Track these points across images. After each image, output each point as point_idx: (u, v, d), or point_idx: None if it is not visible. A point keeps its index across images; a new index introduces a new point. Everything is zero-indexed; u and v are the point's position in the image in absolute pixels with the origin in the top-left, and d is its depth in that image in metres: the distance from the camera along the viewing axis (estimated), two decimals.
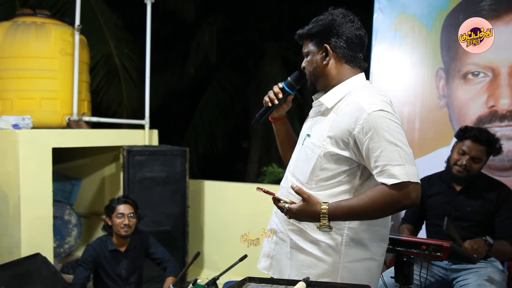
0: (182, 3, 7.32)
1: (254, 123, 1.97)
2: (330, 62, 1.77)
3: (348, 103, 1.69)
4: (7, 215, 3.58)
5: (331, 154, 1.69)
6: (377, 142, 1.58)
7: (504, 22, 3.07)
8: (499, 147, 2.66)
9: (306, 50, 1.84)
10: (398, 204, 1.58)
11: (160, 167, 4.21)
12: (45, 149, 3.69)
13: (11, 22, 4.12)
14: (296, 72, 1.92)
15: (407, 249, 2.13)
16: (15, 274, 3.03)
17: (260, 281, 1.68)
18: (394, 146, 1.57)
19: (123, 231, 3.13)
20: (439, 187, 2.81)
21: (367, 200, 1.60)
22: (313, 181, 1.74)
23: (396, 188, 1.55)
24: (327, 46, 1.76)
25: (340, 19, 1.76)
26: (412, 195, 1.56)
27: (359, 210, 1.61)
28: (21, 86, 4.00)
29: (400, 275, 2.16)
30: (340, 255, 1.72)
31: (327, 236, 1.72)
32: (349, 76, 1.77)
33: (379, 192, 1.58)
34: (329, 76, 1.78)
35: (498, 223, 2.62)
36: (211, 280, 2.50)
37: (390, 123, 1.60)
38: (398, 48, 3.55)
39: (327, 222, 1.63)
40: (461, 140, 2.70)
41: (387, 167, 1.56)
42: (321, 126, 1.76)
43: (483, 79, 3.15)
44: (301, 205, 1.67)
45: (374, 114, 1.60)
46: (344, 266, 1.72)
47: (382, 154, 1.57)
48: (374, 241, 1.76)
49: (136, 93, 6.58)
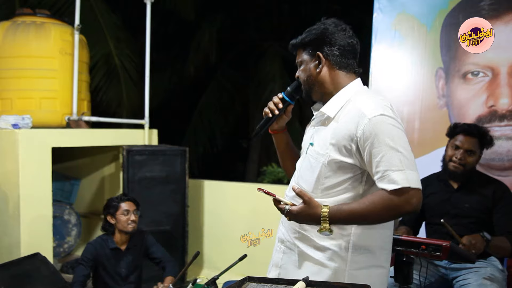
0: (182, 2, 7.32)
1: (254, 135, 1.95)
2: (323, 69, 1.77)
3: (349, 110, 1.68)
4: (6, 214, 3.58)
5: (335, 162, 1.68)
6: (377, 147, 1.57)
7: (503, 22, 3.07)
8: (490, 138, 2.70)
9: (299, 60, 1.84)
10: (398, 209, 1.57)
11: (160, 166, 4.21)
12: (44, 148, 3.69)
13: (10, 21, 4.12)
14: (295, 82, 1.90)
15: (407, 248, 2.13)
16: (14, 274, 3.03)
17: (260, 280, 1.68)
18: (394, 151, 1.56)
19: (130, 227, 3.15)
20: (436, 186, 2.82)
21: (368, 204, 1.60)
22: (318, 189, 1.73)
23: (396, 193, 1.55)
24: (320, 54, 1.76)
25: (332, 28, 1.76)
26: (412, 201, 1.56)
27: (359, 214, 1.61)
28: (20, 86, 4.00)
29: (399, 275, 2.16)
30: (346, 262, 1.69)
31: (333, 242, 1.70)
32: (345, 83, 1.77)
33: (379, 197, 1.58)
34: (324, 83, 1.78)
35: (496, 219, 2.63)
36: (211, 280, 2.50)
37: (391, 128, 1.59)
38: (397, 47, 3.55)
39: (327, 225, 1.63)
40: (453, 137, 2.74)
41: (387, 172, 1.56)
42: (323, 135, 1.75)
43: (483, 79, 3.15)
44: (302, 207, 1.67)
45: (375, 119, 1.59)
46: (349, 273, 1.70)
47: (383, 159, 1.56)
48: (381, 248, 1.74)
49: (135, 93, 6.58)
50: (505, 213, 2.61)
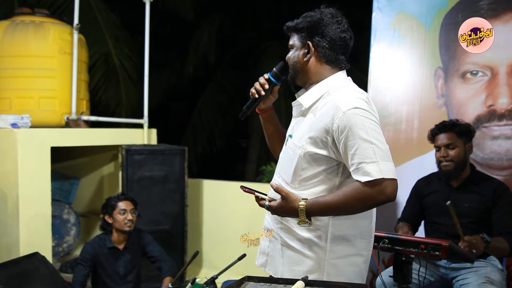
0: (181, 2, 7.31)
1: (242, 115, 1.97)
2: (311, 60, 1.80)
3: (326, 103, 1.73)
4: (5, 214, 3.58)
5: (310, 154, 1.73)
6: (352, 140, 1.61)
7: (502, 21, 3.07)
8: (466, 127, 2.74)
9: (291, 43, 1.87)
10: (372, 200, 1.62)
11: (159, 166, 4.21)
12: (43, 148, 3.68)
13: (9, 21, 4.12)
14: (281, 62, 1.92)
15: (406, 248, 2.13)
16: (13, 273, 3.02)
17: (259, 280, 1.69)
18: (368, 143, 1.60)
19: (127, 227, 3.15)
20: (436, 185, 2.83)
21: (342, 196, 1.64)
22: (296, 181, 1.79)
23: (370, 185, 1.59)
24: (310, 43, 1.78)
25: (328, 19, 1.78)
26: (386, 191, 1.59)
27: (335, 206, 1.66)
28: (19, 85, 4.00)
29: (398, 275, 2.17)
30: (326, 252, 1.76)
31: (312, 233, 1.76)
32: (326, 75, 1.80)
33: (354, 189, 1.62)
34: (308, 73, 1.82)
35: (495, 219, 2.63)
36: (210, 279, 2.50)
37: (365, 121, 1.62)
38: (397, 47, 3.55)
39: (305, 218, 1.69)
40: (433, 140, 2.80)
41: (361, 164, 1.60)
42: (301, 127, 1.80)
43: (482, 78, 3.15)
44: (280, 202, 1.73)
45: (349, 113, 1.63)
46: (329, 263, 1.76)
47: (357, 152, 1.60)
48: (360, 237, 1.79)
49: (134, 92, 6.58)
50: (504, 212, 2.62)
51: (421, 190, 2.91)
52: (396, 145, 3.41)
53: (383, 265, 3.32)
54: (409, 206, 2.97)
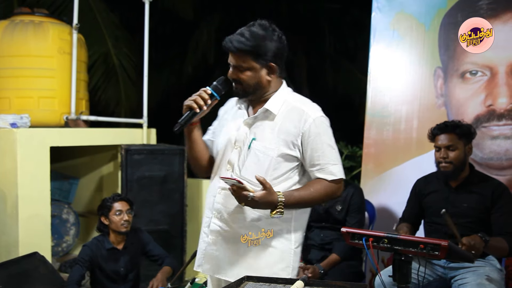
0: (180, 2, 7.31)
1: (178, 129, 1.99)
2: (271, 76, 1.95)
3: (290, 109, 1.94)
4: (5, 214, 3.58)
5: (284, 155, 1.92)
6: (319, 143, 1.90)
7: (502, 21, 3.08)
8: (467, 128, 2.71)
9: (245, 65, 1.92)
10: (333, 195, 1.95)
11: (158, 166, 4.20)
12: (43, 148, 3.68)
13: (9, 20, 4.11)
14: (222, 77, 1.99)
15: (405, 248, 2.12)
16: (13, 273, 3.03)
17: (258, 280, 1.70)
18: (331, 148, 1.93)
19: (123, 228, 3.14)
20: (435, 185, 2.83)
21: (312, 191, 1.91)
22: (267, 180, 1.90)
23: (334, 182, 1.92)
24: (272, 65, 1.92)
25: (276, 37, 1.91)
26: (341, 188, 1.98)
27: (307, 199, 1.91)
28: (19, 85, 3.99)
29: (398, 274, 2.16)
30: (291, 242, 1.99)
31: (279, 227, 1.96)
32: (279, 85, 2.00)
33: (321, 185, 1.92)
34: (267, 87, 1.97)
35: (494, 219, 2.63)
36: None
37: (328, 129, 1.95)
38: (396, 47, 3.56)
39: (282, 209, 1.85)
40: (433, 140, 2.77)
41: (327, 165, 1.90)
42: (268, 130, 1.93)
43: (481, 78, 3.16)
44: (264, 193, 1.82)
45: (318, 120, 1.91)
46: (294, 251, 2.00)
47: (323, 154, 1.90)
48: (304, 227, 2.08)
49: (134, 92, 6.57)
50: (503, 212, 2.62)
51: (420, 190, 2.91)
52: (395, 145, 3.41)
53: (383, 265, 3.33)
54: (409, 206, 2.98)
